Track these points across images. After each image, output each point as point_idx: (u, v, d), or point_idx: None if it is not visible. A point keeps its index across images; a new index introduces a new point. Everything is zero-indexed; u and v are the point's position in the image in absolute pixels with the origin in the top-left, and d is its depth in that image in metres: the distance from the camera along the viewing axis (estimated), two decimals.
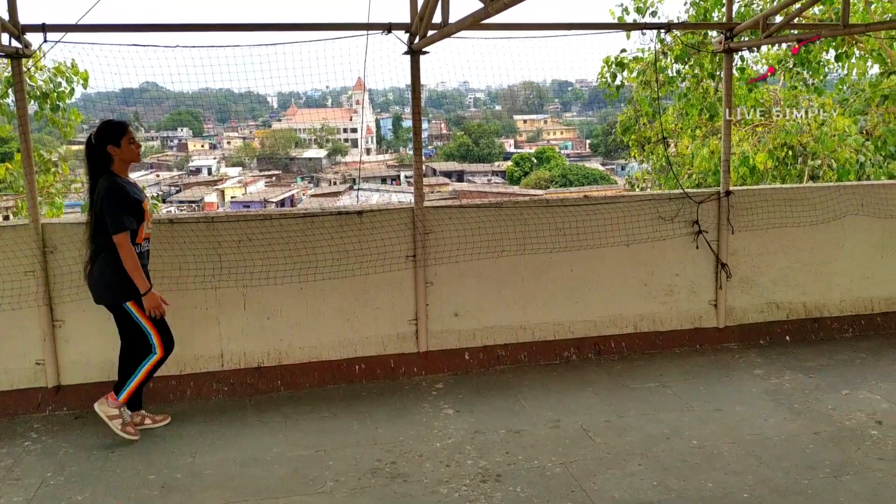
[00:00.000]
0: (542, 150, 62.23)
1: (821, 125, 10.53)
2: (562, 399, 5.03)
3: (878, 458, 4.12)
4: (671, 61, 11.24)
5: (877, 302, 6.27)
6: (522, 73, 14.12)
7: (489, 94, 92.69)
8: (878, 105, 11.47)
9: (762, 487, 3.85)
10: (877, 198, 6.17)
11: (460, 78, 25.96)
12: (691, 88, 11.76)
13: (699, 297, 5.95)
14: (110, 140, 4.36)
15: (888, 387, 5.10)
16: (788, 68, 11.92)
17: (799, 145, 10.58)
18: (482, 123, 76.48)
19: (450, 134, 78.91)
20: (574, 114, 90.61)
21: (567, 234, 5.64)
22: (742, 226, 5.91)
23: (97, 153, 4.38)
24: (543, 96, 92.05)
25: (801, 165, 10.74)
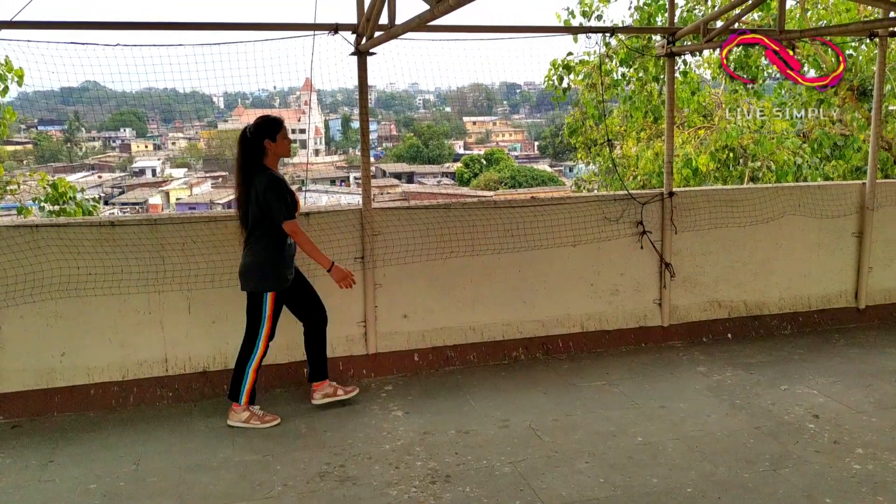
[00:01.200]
0: (492, 151, 62.53)
1: (760, 128, 10.82)
2: (511, 399, 5.07)
3: (815, 451, 4.25)
4: (616, 65, 11.41)
5: (814, 299, 6.47)
6: (472, 76, 14.19)
7: (439, 95, 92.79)
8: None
9: (705, 482, 3.93)
10: (813, 198, 6.36)
11: (410, 79, 25.92)
12: (636, 91, 11.97)
13: (644, 297, 6.06)
14: (267, 135, 4.57)
15: (824, 381, 5.27)
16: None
17: (739, 147, 10.86)
18: (432, 125, 76.54)
19: (399, 135, 78.79)
20: (523, 116, 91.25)
21: (515, 236, 5.69)
22: (685, 226, 6.04)
23: (252, 146, 4.57)
24: (492, 98, 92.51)
25: (741, 167, 11.02)
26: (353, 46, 5.05)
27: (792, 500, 3.74)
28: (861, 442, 4.35)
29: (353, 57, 5.12)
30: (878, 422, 4.62)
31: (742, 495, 3.80)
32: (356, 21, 4.97)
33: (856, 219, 6.45)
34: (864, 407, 4.84)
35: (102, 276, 4.86)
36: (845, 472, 4.00)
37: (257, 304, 4.68)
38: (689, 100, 12.43)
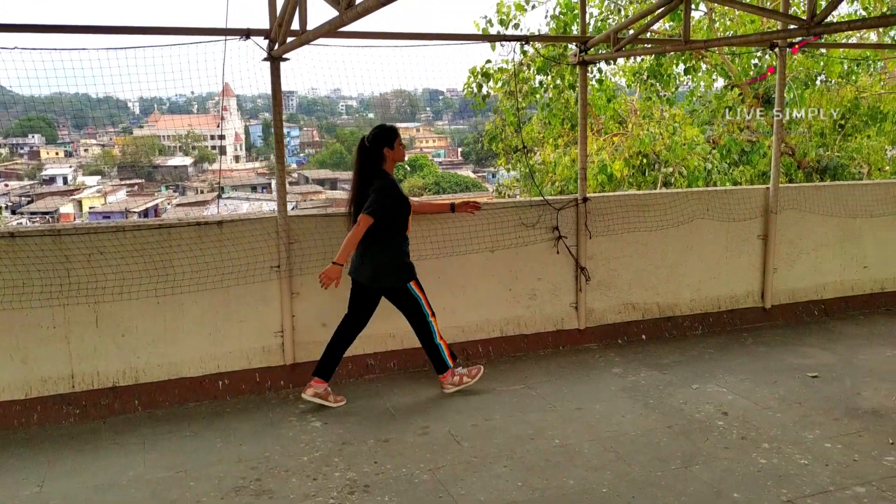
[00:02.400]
0: (415, 157, 62.60)
1: (672, 135, 11.16)
2: (431, 405, 5.07)
3: (724, 448, 4.39)
4: (534, 72, 11.60)
5: (723, 300, 6.70)
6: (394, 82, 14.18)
7: (361, 101, 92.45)
8: (723, 116, 12.31)
9: (620, 481, 4.01)
10: (721, 202, 6.59)
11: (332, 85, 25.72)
12: (553, 99, 12.20)
13: (561, 300, 6.15)
14: (386, 143, 4.93)
15: (733, 380, 5.46)
16: (643, 80, 12.58)
17: (653, 153, 11.18)
18: (355, 131, 76.08)
19: (322, 141, 78.10)
20: (446, 122, 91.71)
21: (434, 242, 5.69)
22: (599, 231, 6.17)
23: (371, 154, 4.93)
24: (416, 105, 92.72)
25: (654, 172, 11.34)
26: (265, 52, 4.97)
27: (702, 497, 3.85)
28: (767, 437, 4.52)
29: (267, 62, 5.04)
30: (782, 417, 4.81)
31: (655, 493, 3.89)
32: (268, 27, 4.90)
33: (761, 222, 6.72)
34: (769, 403, 5.03)
35: (2, 289, 4.64)
36: (752, 467, 4.15)
37: (405, 295, 5.07)
38: (606, 107, 12.75)
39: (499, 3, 11.45)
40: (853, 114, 12.97)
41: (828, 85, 13.03)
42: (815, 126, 13.14)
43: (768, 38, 5.49)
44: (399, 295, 5.09)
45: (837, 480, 3.97)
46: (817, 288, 7.04)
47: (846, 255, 7.11)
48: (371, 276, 4.99)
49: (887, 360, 5.84)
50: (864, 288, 7.23)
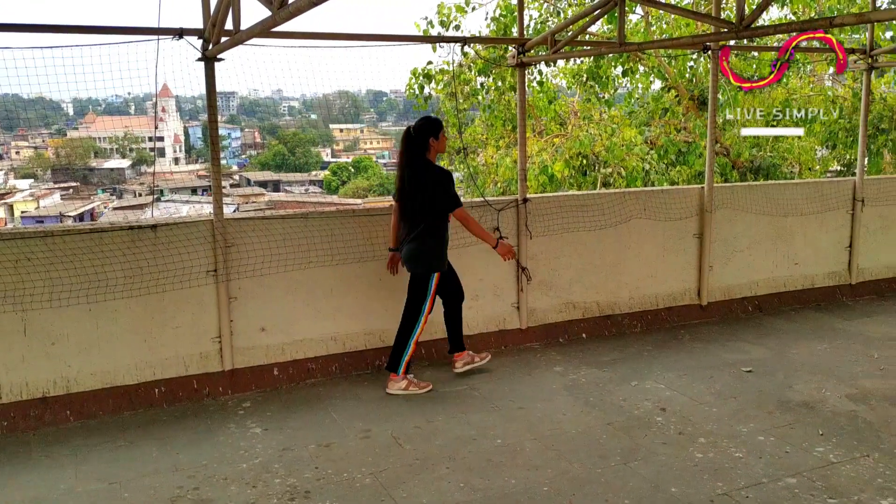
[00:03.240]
0: (360, 159, 62.45)
1: (611, 136, 11.34)
2: (373, 408, 5.04)
3: (662, 443, 4.47)
4: (475, 74, 11.64)
5: (661, 298, 6.83)
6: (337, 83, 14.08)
7: (304, 102, 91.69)
8: (660, 117, 12.56)
9: (561, 479, 4.05)
10: (657, 202, 6.72)
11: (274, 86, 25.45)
12: (495, 100, 12.26)
13: (503, 300, 6.19)
14: (431, 133, 5.14)
15: (671, 376, 5.56)
16: (583, 82, 12.75)
17: (592, 154, 11.33)
18: (298, 132, 75.44)
19: (264, 143, 77.15)
20: (390, 123, 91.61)
21: (376, 244, 5.66)
22: (540, 231, 6.22)
23: (417, 144, 5.12)
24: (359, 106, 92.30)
25: (594, 173, 11.50)
26: (199, 52, 4.87)
27: (641, 492, 3.90)
28: (703, 431, 4.61)
29: (201, 63, 4.94)
30: (718, 411, 4.92)
31: (595, 490, 3.93)
32: (202, 26, 4.80)
33: (696, 221, 6.87)
34: (706, 398, 5.14)
35: None
36: (689, 461, 4.23)
37: (423, 283, 5.24)
38: (547, 108, 12.88)
39: (439, 5, 11.46)
40: (784, 115, 13.37)
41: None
42: (749, 126, 13.51)
43: (699, 41, 5.61)
44: (418, 280, 5.28)
45: (770, 472, 4.08)
46: (751, 285, 7.23)
47: (778, 252, 7.32)
48: (407, 257, 5.27)
49: (817, 354, 6.02)
50: (795, 284, 7.46)
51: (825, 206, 7.49)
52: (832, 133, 13.03)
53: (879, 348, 6.13)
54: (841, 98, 13.18)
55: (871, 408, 4.93)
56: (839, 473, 4.06)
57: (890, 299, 7.72)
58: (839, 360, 5.86)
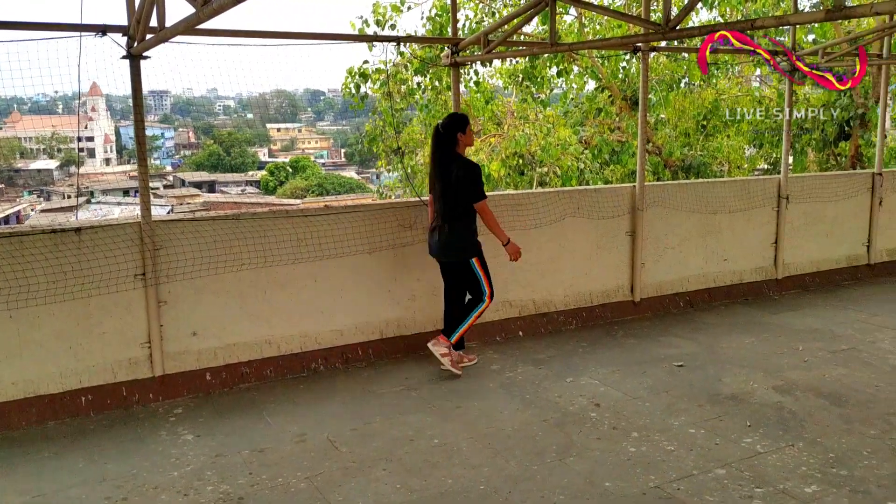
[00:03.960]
0: (297, 159, 61.72)
1: (546, 135, 11.46)
2: (309, 412, 4.98)
3: (597, 438, 4.53)
4: (412, 74, 11.63)
5: (594, 295, 6.93)
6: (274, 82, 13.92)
7: (240, 101, 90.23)
8: (594, 117, 12.76)
9: (497, 477, 4.06)
10: (591, 201, 6.82)
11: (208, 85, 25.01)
12: (432, 100, 12.27)
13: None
14: (459, 128, 5.42)
15: (605, 372, 5.64)
16: (518, 82, 12.86)
17: (528, 154, 11.44)
18: (234, 132, 74.15)
19: (199, 143, 75.63)
20: (328, 123, 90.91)
21: (309, 245, 5.60)
22: None
23: (446, 139, 5.41)
24: (297, 105, 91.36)
25: (531, 173, 11.61)
26: (124, 49, 4.73)
27: (575, 488, 3.95)
28: (636, 426, 4.70)
29: (127, 61, 4.80)
30: (650, 406, 5.01)
31: (531, 487, 3.96)
32: (127, 23, 4.66)
33: (629, 219, 6.99)
34: (638, 393, 5.24)
35: None
36: (622, 456, 4.30)
37: (468, 269, 5.51)
38: (484, 108, 12.95)
39: (375, 4, 11.42)
40: (714, 115, 13.76)
41: (690, 87, 13.75)
42: (680, 126, 13.85)
43: (628, 42, 5.71)
44: (461, 269, 5.52)
45: (700, 464, 4.17)
46: (682, 281, 7.39)
47: (708, 249, 7.51)
48: (440, 251, 5.52)
49: (745, 348, 6.20)
50: (724, 280, 7.66)
51: (752, 204, 7.71)
52: (759, 132, 13.44)
53: (804, 340, 6.34)
54: (767, 98, 13.61)
55: (795, 399, 5.10)
56: (766, 463, 4.18)
57: (814, 292, 8.01)
58: (766, 353, 6.04)
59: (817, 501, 3.77)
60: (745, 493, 3.86)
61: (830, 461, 4.19)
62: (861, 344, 6.24)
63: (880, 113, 8.70)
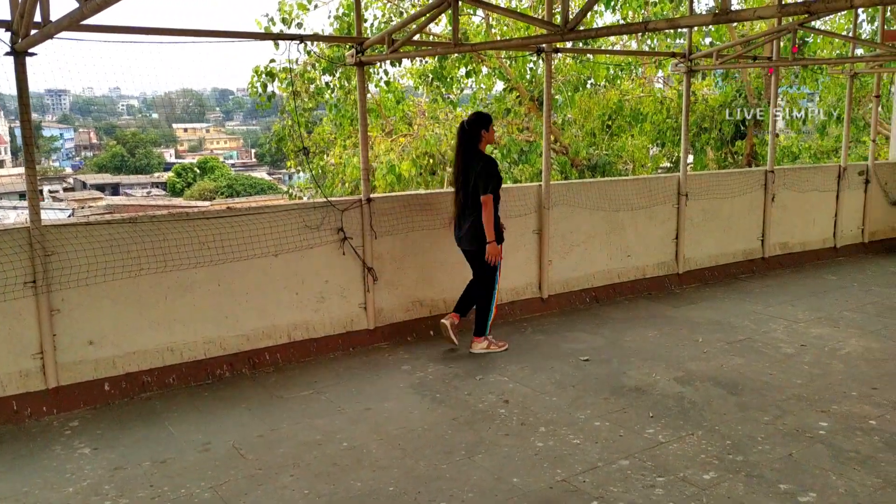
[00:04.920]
0: (206, 160, 60.09)
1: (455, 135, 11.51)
2: (213, 419, 4.84)
3: (505, 435, 4.58)
4: (320, 73, 11.50)
5: (504, 292, 6.99)
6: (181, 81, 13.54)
7: (145, 101, 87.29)
8: (503, 117, 12.90)
9: (407, 478, 4.05)
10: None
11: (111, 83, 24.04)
12: (341, 100, 12.16)
13: (349, 302, 6.13)
14: (483, 126, 5.79)
15: (514, 368, 5.71)
16: (428, 83, 12.89)
17: (439, 154, 11.48)
18: (138, 132, 71.61)
19: (101, 144, 72.76)
20: (238, 123, 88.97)
21: (212, 248, 5.45)
22: (384, 231, 6.21)
23: (470, 135, 5.77)
24: (204, 104, 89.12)
25: (443, 173, 11.66)
26: (8, 45, 4.49)
27: (484, 485, 3.98)
28: (544, 421, 4.77)
29: (10, 57, 4.55)
30: (558, 400, 5.10)
31: (440, 486, 3.96)
32: (10, 17, 4.42)
33: (535, 217, 7.10)
34: (546, 388, 5.32)
35: None
36: (530, 451, 4.35)
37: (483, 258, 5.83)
38: (395, 108, 12.92)
39: (281, 2, 11.23)
40: (618, 115, 14.13)
41: (596, 88, 14.08)
42: (587, 126, 14.17)
43: (529, 43, 5.80)
44: (479, 257, 5.85)
45: (605, 456, 4.27)
46: (588, 277, 7.56)
47: (612, 245, 7.71)
48: (468, 239, 5.88)
49: (648, 341, 6.39)
50: (628, 275, 7.88)
51: (653, 201, 7.96)
52: (661, 132, 13.88)
53: (703, 332, 6.58)
54: (669, 99, 14.06)
55: (695, 389, 5.28)
56: (667, 452, 4.31)
57: (713, 286, 8.33)
58: (668, 346, 6.24)
59: (715, 487, 3.91)
60: (647, 482, 3.97)
61: (727, 448, 4.36)
62: (756, 334, 6.52)
63: (771, 113, 9.13)
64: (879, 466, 4.10)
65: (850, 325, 6.75)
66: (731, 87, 13.94)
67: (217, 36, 5.52)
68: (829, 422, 4.70)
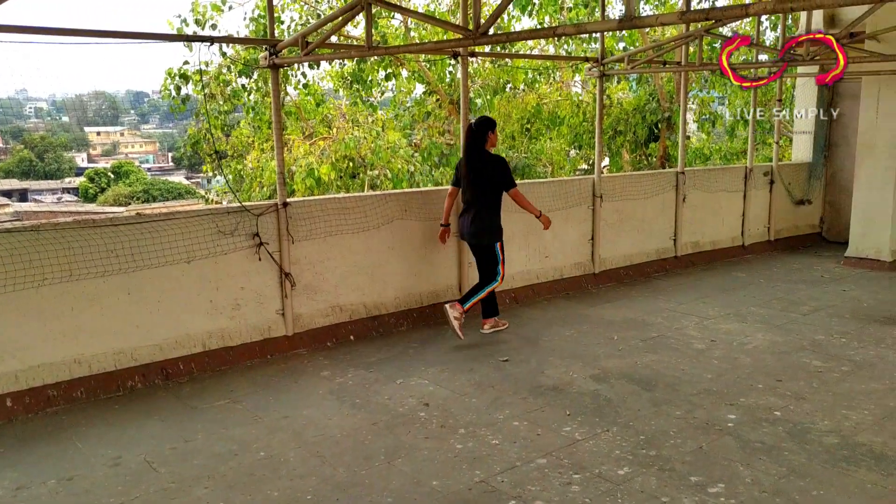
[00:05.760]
0: (120, 164, 58.13)
1: (375, 139, 11.49)
2: (124, 433, 4.68)
3: (425, 438, 4.58)
4: (235, 75, 11.29)
5: (425, 296, 7.02)
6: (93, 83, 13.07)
7: (54, 103, 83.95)
8: (424, 121, 12.94)
9: (324, 486, 4.00)
10: (418, 203, 6.89)
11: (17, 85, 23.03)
12: (259, 102, 11.97)
13: (267, 308, 6.03)
14: (490, 128, 6.30)
15: (434, 371, 5.72)
16: (348, 85, 12.82)
17: (358, 157, 11.42)
18: (47, 136, 68.72)
19: (7, 148, 69.51)
20: (154, 126, 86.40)
21: (121, 256, 5.28)
22: (302, 235, 6.14)
23: (478, 136, 6.26)
24: (118, 107, 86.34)
25: (363, 176, 11.60)
26: None
27: (403, 489, 3.96)
28: (463, 422, 4.79)
29: None
30: (477, 402, 5.13)
31: (359, 493, 3.93)
32: None
33: (455, 220, 7.12)
34: (466, 390, 5.35)
35: None
36: (450, 453, 4.37)
37: (492, 252, 6.41)
38: (315, 111, 12.79)
39: (194, 3, 10.97)
40: (537, 118, 14.35)
41: (515, 92, 14.27)
42: (507, 130, 14.33)
43: (443, 47, 5.83)
44: (486, 250, 6.39)
45: (523, 455, 4.32)
46: (508, 278, 7.62)
47: (530, 247, 7.81)
48: (472, 234, 6.36)
49: (565, 339, 6.50)
50: (546, 276, 8.00)
51: (570, 203, 8.11)
52: (578, 135, 14.17)
53: (619, 330, 6.74)
54: (585, 103, 14.38)
55: (611, 386, 5.40)
56: (583, 449, 4.39)
57: (628, 285, 8.54)
58: (585, 344, 6.36)
59: (629, 482, 4.00)
60: (564, 480, 4.03)
61: (641, 443, 4.47)
62: (669, 331, 6.72)
63: (681, 116, 9.42)
64: (783, 455, 4.28)
65: (757, 320, 7.03)
66: (644, 92, 14.34)
67: (125, 37, 5.35)
68: (737, 414, 4.87)
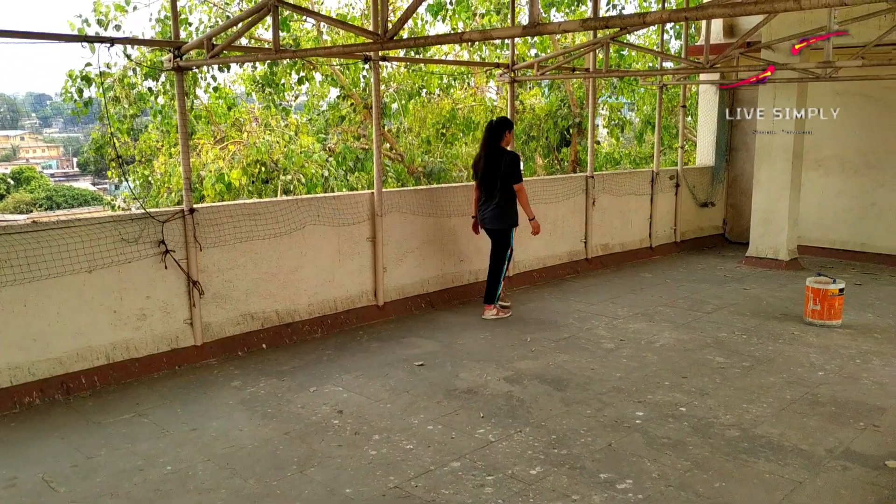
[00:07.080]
0: (20, 169, 55.48)
1: (288, 143, 11.34)
2: (20, 452, 4.46)
3: (339, 445, 4.53)
4: (141, 78, 10.95)
5: (339, 301, 6.95)
6: None
7: None
8: (338, 125, 12.84)
9: (235, 498, 3.91)
10: (330, 208, 6.83)
11: None
12: (166, 106, 11.64)
13: (174, 318, 5.86)
14: (507, 127, 7.07)
15: (349, 378, 5.67)
16: (261, 89, 12.60)
17: (271, 162, 11.24)
18: None
19: None
20: (57, 129, 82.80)
21: (15, 266, 5.03)
22: (210, 242, 5.99)
23: (496, 134, 7.00)
24: (18, 110, 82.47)
25: (276, 181, 11.42)
26: None
27: (316, 498, 3.91)
28: (378, 428, 4.76)
29: None
30: (392, 407, 5.11)
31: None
32: None
33: (369, 225, 7.11)
34: (381, 395, 5.33)
35: None
36: (364, 460, 4.33)
37: (505, 237, 7.18)
38: (226, 115, 12.53)
39: (96, 3, 10.58)
40: (452, 123, 14.45)
41: (430, 97, 14.33)
42: (422, 134, 14.38)
43: (352, 50, 5.80)
44: (501, 234, 7.14)
45: (437, 459, 4.33)
46: (423, 283, 7.66)
47: (445, 251, 7.85)
48: (491, 220, 7.09)
49: (480, 342, 6.55)
50: (462, 279, 8.06)
51: None
52: None
53: (532, 332, 6.84)
54: (499, 108, 14.56)
55: (524, 387, 5.47)
56: (497, 451, 4.44)
57: (541, 287, 8.69)
58: (499, 346, 6.43)
59: (541, 482, 4.06)
60: (477, 482, 4.06)
61: (553, 442, 4.54)
62: (580, 332, 6.86)
63: (590, 121, 9.65)
64: (688, 450, 4.43)
65: (664, 319, 7.26)
66: (556, 97, 14.63)
67: (22, 37, 5.11)
68: (645, 411, 5.02)
